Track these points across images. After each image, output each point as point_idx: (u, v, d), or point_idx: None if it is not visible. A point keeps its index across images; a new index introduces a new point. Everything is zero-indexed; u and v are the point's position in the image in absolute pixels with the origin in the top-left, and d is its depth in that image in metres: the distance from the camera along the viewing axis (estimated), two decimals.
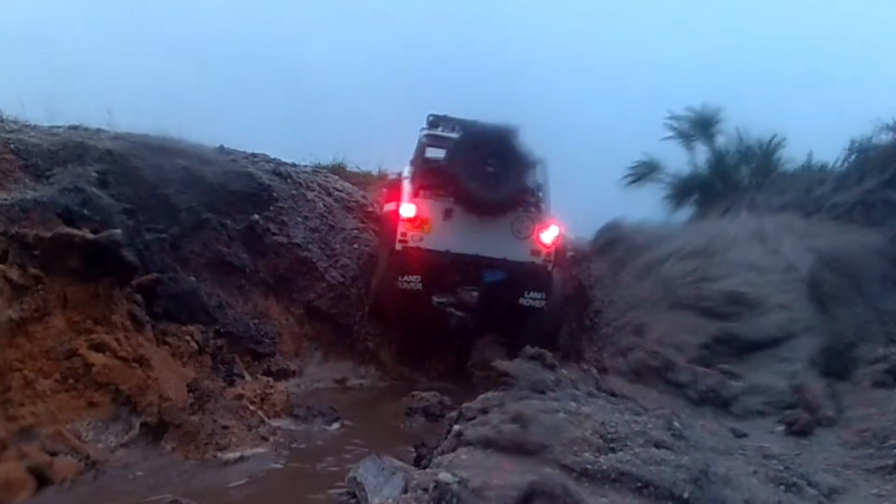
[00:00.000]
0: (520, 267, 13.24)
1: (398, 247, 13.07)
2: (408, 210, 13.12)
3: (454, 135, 14.18)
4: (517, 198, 13.25)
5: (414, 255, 13.06)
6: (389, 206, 14.23)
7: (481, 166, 12.89)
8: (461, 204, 13.13)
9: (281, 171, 14.86)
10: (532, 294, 13.33)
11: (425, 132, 14.74)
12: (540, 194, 13.81)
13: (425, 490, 6.23)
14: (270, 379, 11.30)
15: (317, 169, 17.02)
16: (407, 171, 14.48)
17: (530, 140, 13.18)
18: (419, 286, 13.17)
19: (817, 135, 18.71)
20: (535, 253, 13.28)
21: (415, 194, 13.31)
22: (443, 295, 13.36)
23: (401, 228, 13.07)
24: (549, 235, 13.29)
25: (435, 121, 15.18)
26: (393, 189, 14.61)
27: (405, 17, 43.34)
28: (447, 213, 13.17)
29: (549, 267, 13.38)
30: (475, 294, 13.25)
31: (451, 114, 15.11)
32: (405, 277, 13.13)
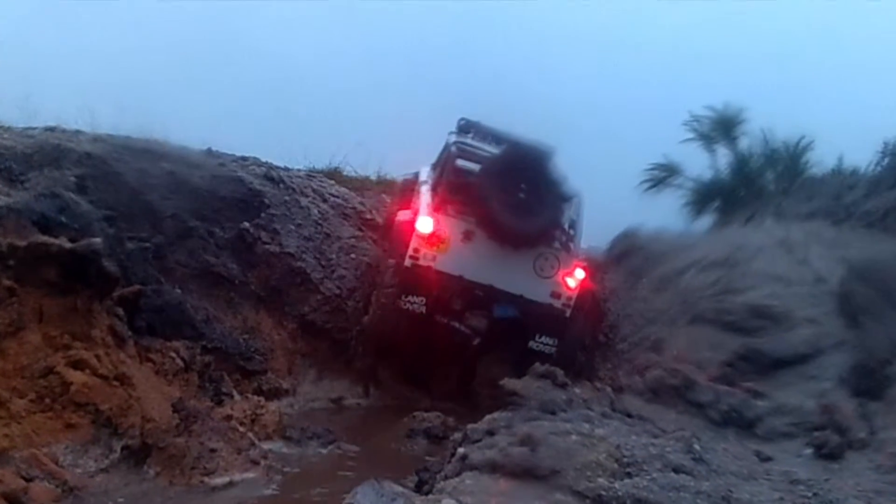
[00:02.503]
0: (535, 307, 12.90)
1: (408, 263, 12.82)
2: (425, 224, 12.79)
3: (486, 146, 14.01)
4: (546, 233, 13.02)
5: (423, 275, 12.79)
6: (403, 215, 13.91)
7: (513, 192, 12.64)
8: (484, 228, 12.80)
9: (273, 175, 14.86)
10: (543, 339, 12.96)
11: (455, 139, 14.41)
12: (571, 232, 13.59)
13: None
14: (261, 398, 11.28)
15: (311, 173, 17.02)
16: (427, 174, 14.41)
17: (562, 166, 13.07)
18: (423, 309, 12.89)
19: (848, 136, 18.74)
20: (556, 295, 12.95)
21: (436, 208, 13.02)
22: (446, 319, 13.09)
23: (413, 243, 12.79)
24: (573, 279, 12.95)
25: (466, 126, 14.91)
26: (407, 194, 14.55)
27: (405, 13, 43.31)
28: (467, 235, 12.84)
29: (568, 312, 12.99)
30: (485, 320, 12.99)
31: (461, 114, 15.06)
32: (409, 297, 12.85)
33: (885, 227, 13.43)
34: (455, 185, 13.29)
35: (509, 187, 12.63)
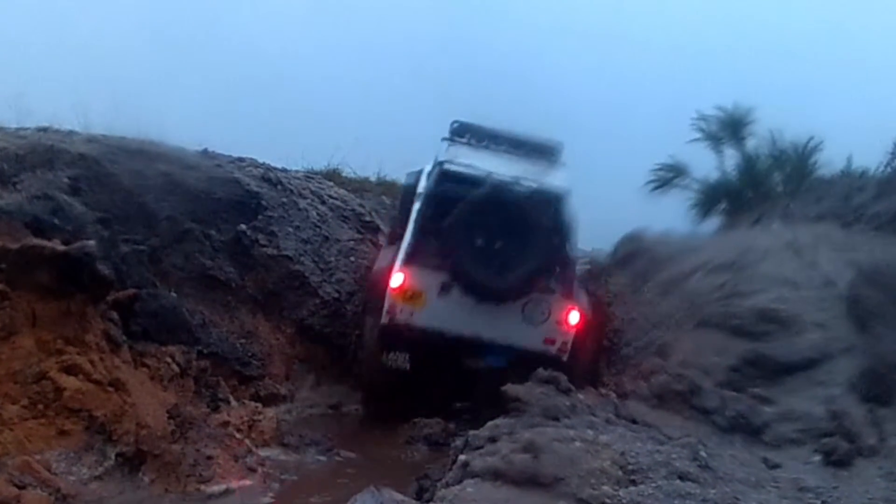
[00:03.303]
0: (529, 355, 12.05)
1: (384, 320, 12.22)
2: (397, 280, 12.16)
3: (480, 159, 13.18)
4: (532, 282, 12.17)
5: (402, 332, 12.24)
6: (381, 259, 13.27)
7: (487, 243, 11.94)
8: (459, 285, 12.10)
9: (270, 176, 14.85)
10: None
11: (446, 148, 13.64)
12: (564, 268, 12.62)
13: None
14: (259, 404, 11.33)
15: (309, 175, 17.05)
16: (423, 187, 13.31)
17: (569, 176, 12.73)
18: (407, 365, 12.39)
19: (857, 136, 18.72)
20: (550, 342, 12.29)
21: (408, 261, 12.23)
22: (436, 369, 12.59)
23: (388, 301, 12.18)
24: (568, 324, 12.25)
25: (460, 129, 14.17)
26: (406, 205, 13.57)
27: (404, 7, 43.32)
28: (444, 288, 12.14)
29: (564, 357, 12.29)
30: (481, 361, 12.38)
31: (457, 114, 14.47)
32: (392, 355, 12.33)
33: (894, 230, 13.41)
34: (430, 231, 12.41)
35: (481, 238, 11.95)
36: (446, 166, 12.90)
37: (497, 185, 12.24)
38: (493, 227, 11.94)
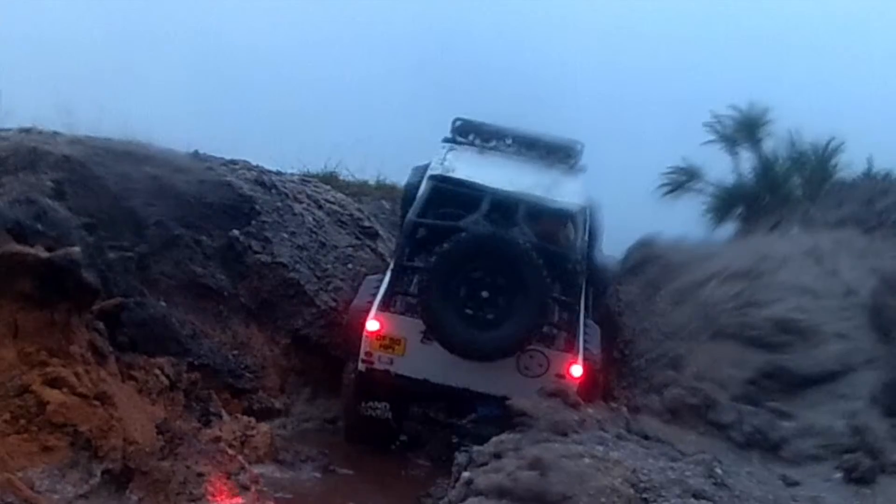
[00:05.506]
0: None
1: (362, 367, 11.38)
2: (372, 325, 11.30)
3: (488, 159, 12.98)
4: (524, 344, 11.14)
5: (381, 380, 11.42)
6: (360, 296, 12.30)
7: (469, 295, 11.08)
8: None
9: (264, 180, 14.84)
10: None
11: (446, 153, 13.15)
12: (568, 309, 11.67)
13: None
14: (252, 419, 11.31)
15: (305, 178, 17.03)
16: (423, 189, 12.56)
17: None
18: (388, 415, 11.87)
19: (880, 137, 18.69)
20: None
21: (384, 305, 11.40)
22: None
23: (364, 346, 11.32)
24: (571, 376, 11.16)
25: (463, 127, 13.72)
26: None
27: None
28: (427, 335, 11.17)
29: None
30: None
31: (462, 114, 14.15)
32: (371, 403, 11.72)
33: None
34: (412, 268, 11.79)
35: (465, 289, 11.07)
36: (439, 183, 12.32)
37: (483, 233, 11.35)
38: (478, 276, 11.11)
